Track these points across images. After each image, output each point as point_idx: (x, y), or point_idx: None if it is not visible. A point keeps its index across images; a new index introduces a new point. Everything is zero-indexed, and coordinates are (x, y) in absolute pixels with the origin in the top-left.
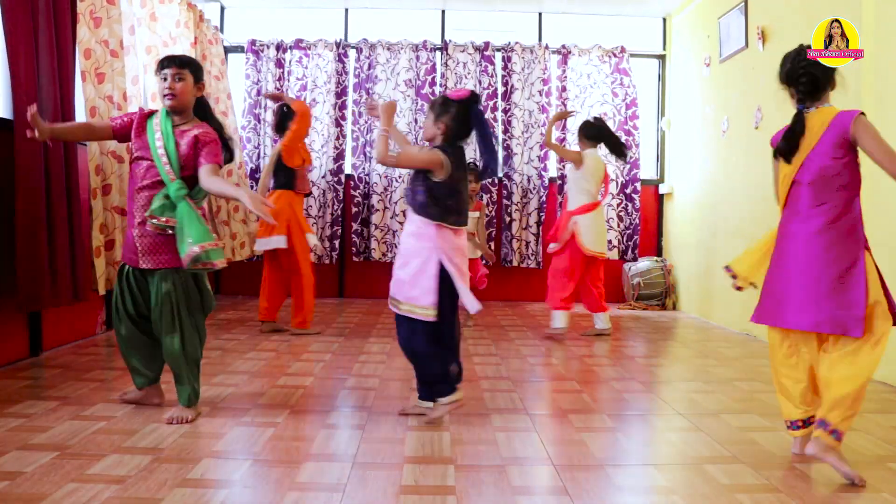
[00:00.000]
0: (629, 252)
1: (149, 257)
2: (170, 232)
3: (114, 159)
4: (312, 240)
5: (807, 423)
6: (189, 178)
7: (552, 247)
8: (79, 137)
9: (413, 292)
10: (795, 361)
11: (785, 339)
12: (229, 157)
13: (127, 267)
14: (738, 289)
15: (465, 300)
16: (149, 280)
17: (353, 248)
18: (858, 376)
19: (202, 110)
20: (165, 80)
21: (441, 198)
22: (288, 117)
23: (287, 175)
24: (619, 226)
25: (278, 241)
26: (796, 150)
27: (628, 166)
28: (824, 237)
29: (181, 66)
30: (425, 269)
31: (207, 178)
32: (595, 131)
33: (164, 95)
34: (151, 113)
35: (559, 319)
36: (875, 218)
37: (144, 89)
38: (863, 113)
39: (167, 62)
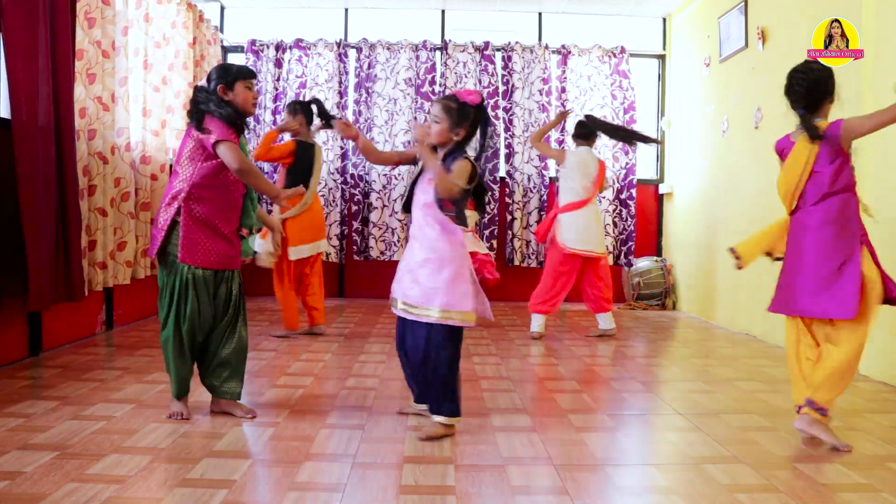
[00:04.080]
0: (622, 257)
1: (238, 258)
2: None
3: (99, 160)
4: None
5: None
6: None
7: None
8: None
9: (451, 298)
10: (810, 341)
11: (798, 326)
12: None
13: (206, 271)
14: (739, 267)
15: (486, 307)
16: (218, 281)
17: (355, 247)
18: (845, 353)
19: None
20: (250, 89)
21: (465, 204)
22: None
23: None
24: (613, 231)
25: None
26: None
27: (624, 171)
28: (824, 232)
29: (255, 77)
30: (462, 273)
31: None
32: (584, 130)
33: (254, 104)
34: None
35: (534, 322)
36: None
37: (129, 91)
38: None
39: (250, 73)
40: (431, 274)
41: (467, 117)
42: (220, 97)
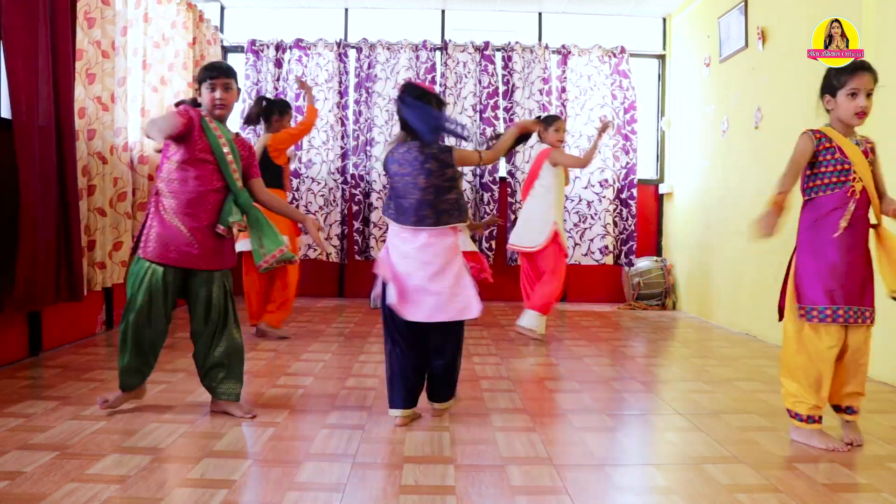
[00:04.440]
0: (623, 256)
1: (212, 258)
2: (228, 235)
3: (99, 160)
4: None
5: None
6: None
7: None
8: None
9: (468, 292)
10: (836, 353)
11: (834, 330)
12: None
13: (164, 267)
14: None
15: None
16: (194, 280)
17: (356, 247)
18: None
19: None
20: (215, 90)
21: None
22: (270, 112)
23: (273, 173)
24: (614, 230)
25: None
26: None
27: (625, 171)
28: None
29: (228, 76)
30: (461, 268)
31: (264, 192)
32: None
33: (216, 106)
34: (199, 115)
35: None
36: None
37: (128, 91)
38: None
39: (216, 72)
40: (443, 281)
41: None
42: (194, 98)
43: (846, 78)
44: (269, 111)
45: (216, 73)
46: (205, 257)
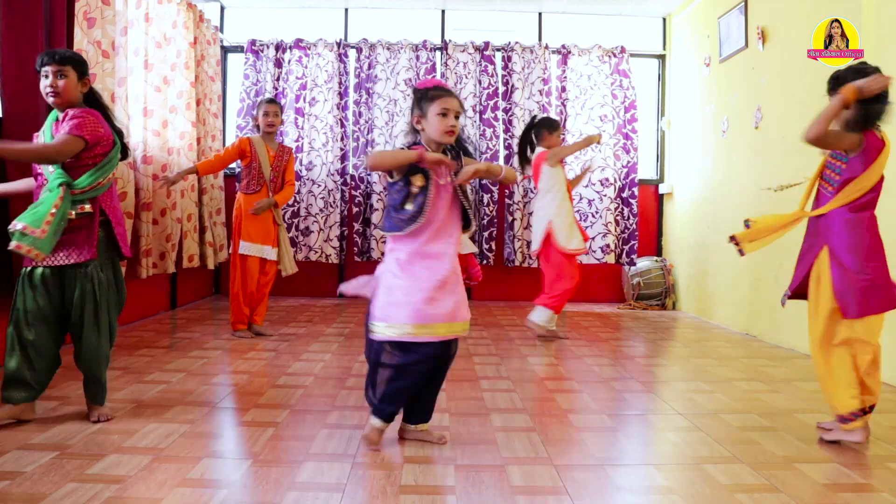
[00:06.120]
0: (624, 255)
1: (66, 252)
2: (75, 220)
3: None
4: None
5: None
6: (72, 170)
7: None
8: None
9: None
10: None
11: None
12: (124, 154)
13: (35, 268)
14: (741, 253)
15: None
16: (64, 276)
17: (356, 248)
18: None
19: (92, 103)
20: (47, 77)
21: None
22: None
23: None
24: (615, 229)
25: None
26: None
27: (625, 170)
28: None
29: (62, 63)
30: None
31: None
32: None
33: (48, 94)
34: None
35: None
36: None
37: (129, 91)
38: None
39: (47, 59)
40: (459, 286)
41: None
42: None
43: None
44: None
45: (46, 60)
46: (60, 251)
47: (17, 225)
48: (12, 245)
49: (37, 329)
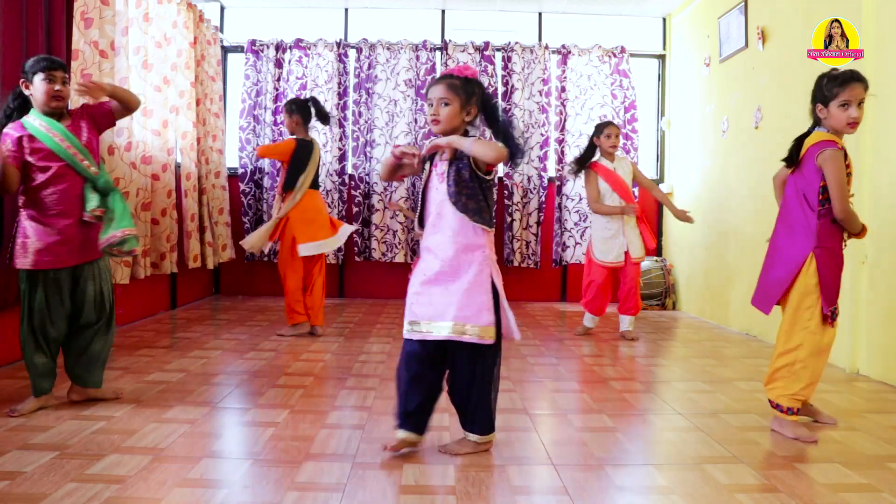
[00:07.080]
0: None
1: (86, 252)
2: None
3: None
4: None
5: None
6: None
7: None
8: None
9: (467, 311)
10: None
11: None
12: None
13: (53, 270)
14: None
15: (510, 325)
16: (77, 275)
17: (356, 248)
18: None
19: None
20: (52, 81)
21: (490, 199)
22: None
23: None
24: None
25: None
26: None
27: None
28: None
29: (65, 70)
30: (480, 281)
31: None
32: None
33: (53, 97)
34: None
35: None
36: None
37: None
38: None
39: (54, 65)
40: (453, 283)
41: (473, 94)
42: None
43: (837, 90)
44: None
45: (53, 66)
46: (83, 251)
47: (121, 233)
48: (133, 249)
49: (58, 326)
